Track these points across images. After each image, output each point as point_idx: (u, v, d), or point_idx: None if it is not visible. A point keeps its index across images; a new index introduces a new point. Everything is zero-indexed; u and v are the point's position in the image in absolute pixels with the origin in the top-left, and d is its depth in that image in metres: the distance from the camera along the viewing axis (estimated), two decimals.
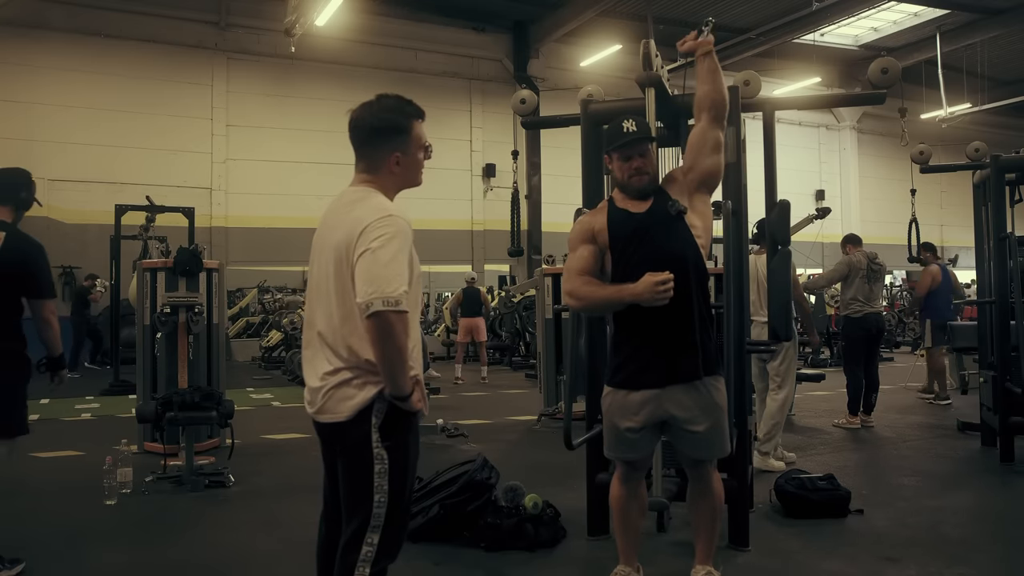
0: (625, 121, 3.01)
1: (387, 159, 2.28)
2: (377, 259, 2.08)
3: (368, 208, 2.19)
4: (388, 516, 2.17)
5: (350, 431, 2.18)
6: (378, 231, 2.11)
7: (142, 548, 4.01)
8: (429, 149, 2.36)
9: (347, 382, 2.18)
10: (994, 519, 4.50)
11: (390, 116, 2.29)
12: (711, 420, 2.96)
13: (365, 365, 2.16)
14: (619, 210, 3.02)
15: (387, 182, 2.30)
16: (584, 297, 2.98)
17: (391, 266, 2.08)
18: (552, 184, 17.81)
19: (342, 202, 2.30)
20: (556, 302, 7.88)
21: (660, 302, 2.78)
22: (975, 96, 19.11)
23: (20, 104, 14.59)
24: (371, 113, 2.29)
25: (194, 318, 6.21)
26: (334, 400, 2.19)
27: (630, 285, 2.82)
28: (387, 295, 2.04)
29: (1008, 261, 5.88)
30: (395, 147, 2.28)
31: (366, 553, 2.16)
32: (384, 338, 2.06)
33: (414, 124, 2.31)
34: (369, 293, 2.05)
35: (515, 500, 3.99)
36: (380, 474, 2.16)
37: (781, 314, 4.30)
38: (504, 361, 14.17)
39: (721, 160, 3.10)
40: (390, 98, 2.32)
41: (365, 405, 2.16)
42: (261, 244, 16.17)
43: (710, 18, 3.10)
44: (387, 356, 2.09)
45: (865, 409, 7.28)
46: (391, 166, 2.28)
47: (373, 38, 16.74)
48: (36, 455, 6.08)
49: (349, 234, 2.15)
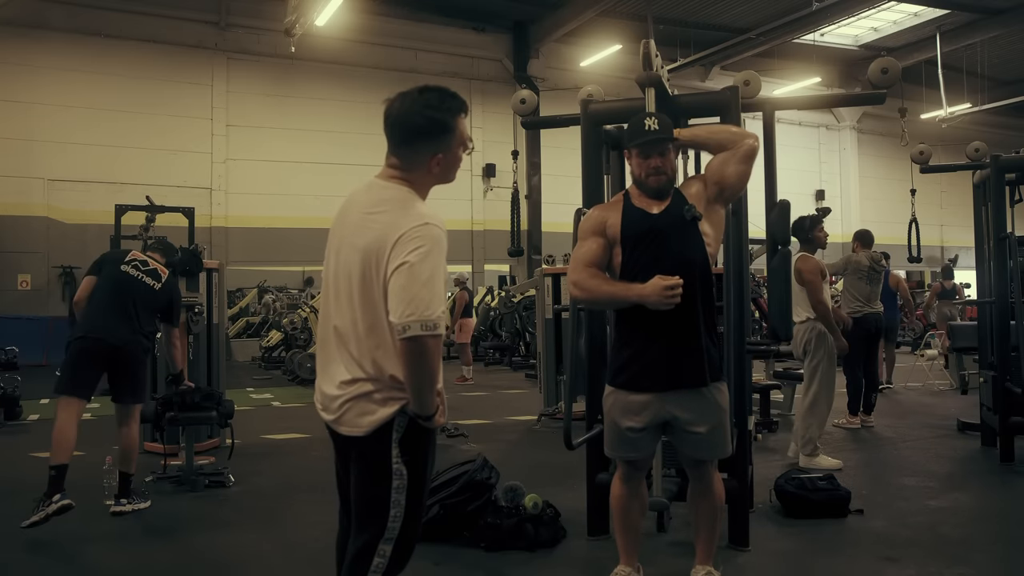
0: (647, 119, 2.98)
1: (427, 161, 2.10)
2: (415, 276, 1.93)
3: (404, 213, 2.03)
4: (403, 529, 2.09)
5: (369, 445, 2.08)
6: (416, 242, 1.96)
7: (142, 548, 4.01)
8: (471, 145, 2.20)
9: (367, 395, 2.06)
10: (994, 519, 4.50)
11: (435, 115, 2.09)
12: (713, 421, 2.96)
13: (388, 381, 2.04)
14: (635, 208, 3.00)
15: (424, 181, 2.13)
16: (589, 289, 2.95)
17: (430, 285, 1.94)
18: (552, 184, 17.82)
19: (371, 197, 2.12)
20: (556, 302, 7.88)
21: (667, 306, 2.77)
22: (975, 96, 19.12)
23: (20, 104, 14.60)
24: (414, 110, 2.09)
25: (194, 318, 6.21)
26: (353, 413, 2.08)
27: (638, 285, 2.80)
28: (426, 319, 1.91)
29: (1008, 261, 5.88)
30: (437, 148, 2.10)
31: (377, 564, 2.08)
32: (418, 362, 1.95)
33: (457, 122, 2.12)
34: (407, 315, 1.92)
35: (515, 500, 3.99)
36: (398, 489, 2.07)
37: (781, 314, 4.29)
38: (504, 361, 14.17)
39: (748, 171, 3.02)
40: (433, 93, 2.11)
41: (386, 420, 2.06)
42: (261, 244, 16.18)
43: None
44: (418, 379, 1.99)
45: (865, 409, 7.28)
46: (431, 167, 2.11)
47: (373, 38, 16.75)
48: (36, 455, 6.07)
49: (381, 239, 2.00)
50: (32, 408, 8.29)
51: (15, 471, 5.69)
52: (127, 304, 4.59)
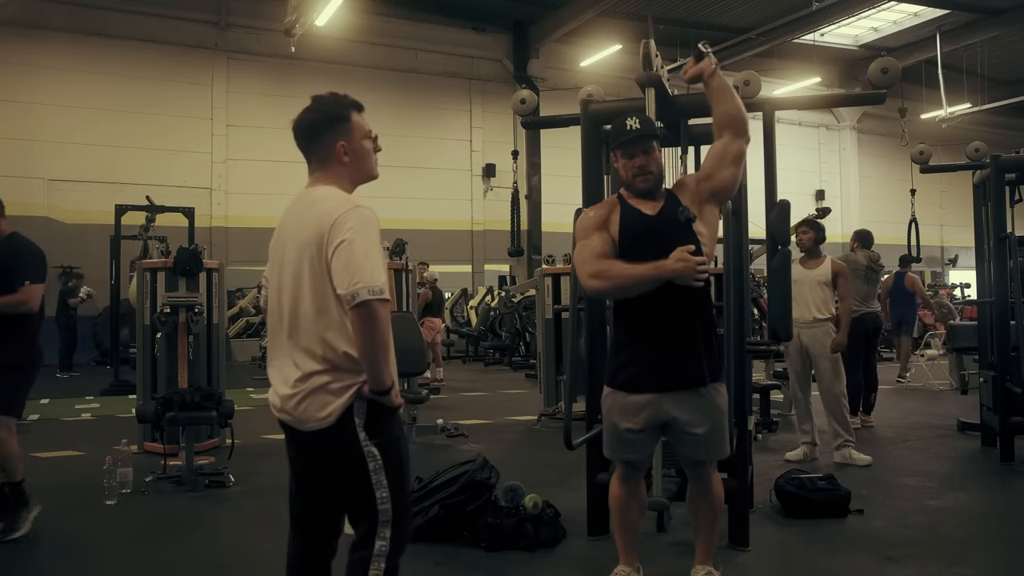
0: (629, 119, 2.97)
1: (333, 149, 2.26)
2: (355, 251, 2.08)
3: (333, 201, 2.19)
4: (395, 508, 2.17)
5: (334, 436, 2.15)
6: (350, 223, 2.12)
7: (142, 548, 4.01)
8: (375, 139, 2.35)
9: (323, 387, 2.15)
10: (994, 519, 4.50)
11: (328, 108, 2.29)
12: (711, 423, 2.95)
13: (342, 361, 2.14)
14: (632, 208, 2.99)
15: (341, 174, 2.29)
16: (613, 276, 2.86)
17: (370, 257, 2.09)
18: (552, 184, 17.80)
19: (302, 203, 2.29)
20: (556, 302, 7.88)
21: (696, 282, 2.76)
22: (975, 96, 19.11)
23: (20, 104, 14.58)
24: (309, 111, 2.30)
25: (194, 318, 6.21)
26: (313, 408, 2.15)
27: (664, 261, 2.76)
28: (371, 285, 2.05)
29: (1008, 261, 5.89)
30: (338, 136, 2.27)
31: (380, 548, 2.15)
32: (371, 328, 2.06)
33: (352, 113, 2.30)
34: (354, 284, 2.05)
35: (515, 500, 3.99)
36: (376, 471, 2.15)
37: (781, 314, 4.29)
38: (504, 361, 14.17)
39: (739, 173, 3.02)
40: (325, 96, 2.33)
41: (346, 408, 2.14)
42: (261, 244, 15.87)
43: (704, 43, 3.07)
44: (371, 346, 2.08)
45: (864, 409, 7.28)
46: (340, 156, 2.27)
47: (373, 38, 16.73)
48: (36, 455, 6.08)
49: (319, 228, 2.15)
50: (32, 408, 8.29)
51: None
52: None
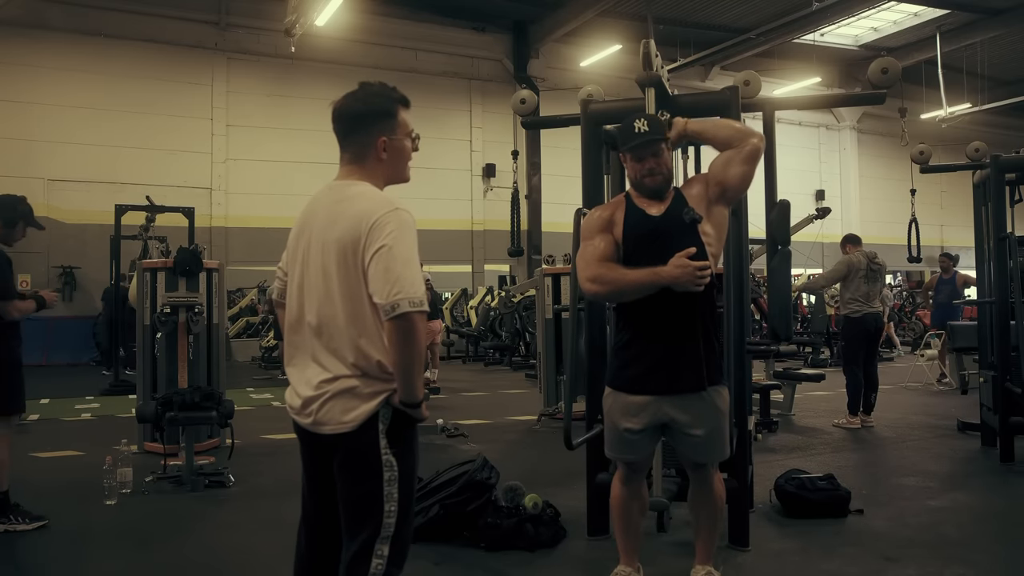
0: (637, 120, 2.95)
1: (374, 144, 2.17)
2: (396, 257, 1.99)
3: (372, 201, 2.09)
4: (398, 526, 2.08)
5: (355, 440, 2.07)
6: (390, 226, 2.02)
7: (142, 548, 4.01)
8: (416, 139, 2.27)
9: (351, 390, 2.07)
10: (994, 519, 4.50)
11: (376, 100, 2.20)
12: (711, 425, 2.95)
13: (374, 369, 2.06)
14: (637, 208, 2.99)
15: (375, 171, 2.20)
16: (612, 281, 2.87)
17: (411, 265, 2.01)
18: (552, 184, 17.80)
19: (333, 197, 2.18)
20: (556, 302, 7.88)
21: (696, 287, 2.76)
22: (975, 96, 19.11)
23: (20, 104, 14.58)
24: (356, 99, 2.20)
25: (194, 318, 6.21)
26: (337, 410, 2.07)
27: (664, 267, 2.76)
28: (412, 296, 1.97)
29: (1008, 261, 5.88)
30: (382, 130, 2.17)
31: (376, 566, 2.06)
32: (408, 341, 1.99)
33: (400, 109, 2.22)
34: (394, 294, 1.96)
35: (515, 500, 3.99)
36: (390, 482, 2.07)
37: (781, 314, 4.30)
38: (504, 361, 14.17)
39: (750, 172, 2.97)
40: (374, 84, 2.24)
41: (372, 413, 2.06)
42: (261, 244, 16.14)
43: (662, 112, 3.13)
44: (408, 359, 2.01)
45: (865, 409, 7.28)
46: (379, 152, 2.18)
47: (373, 38, 16.74)
48: (36, 455, 6.09)
49: (354, 228, 2.05)
50: (32, 408, 8.29)
51: (15, 471, 5.65)
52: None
